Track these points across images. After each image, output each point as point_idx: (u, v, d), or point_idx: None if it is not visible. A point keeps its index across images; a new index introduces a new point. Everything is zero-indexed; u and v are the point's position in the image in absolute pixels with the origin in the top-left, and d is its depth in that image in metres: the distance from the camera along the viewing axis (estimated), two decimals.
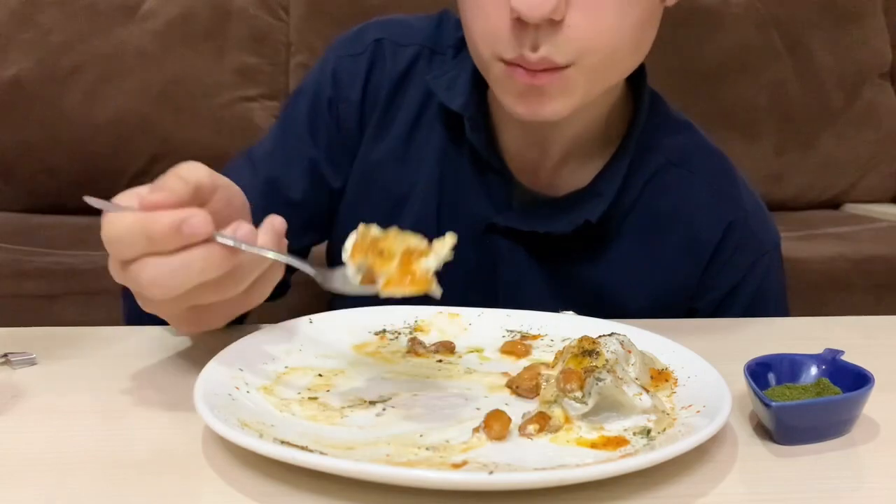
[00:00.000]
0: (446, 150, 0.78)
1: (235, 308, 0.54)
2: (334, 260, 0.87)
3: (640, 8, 0.64)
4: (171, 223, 0.46)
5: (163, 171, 0.51)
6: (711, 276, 0.78)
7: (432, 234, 0.78)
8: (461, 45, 0.78)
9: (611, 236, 0.77)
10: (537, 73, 0.63)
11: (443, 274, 0.78)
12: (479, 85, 0.75)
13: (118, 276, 0.50)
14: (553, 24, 0.60)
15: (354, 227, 0.80)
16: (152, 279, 0.47)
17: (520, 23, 0.61)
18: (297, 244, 0.78)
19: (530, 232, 0.76)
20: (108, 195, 0.51)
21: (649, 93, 0.78)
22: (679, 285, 0.78)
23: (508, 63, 0.64)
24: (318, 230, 0.83)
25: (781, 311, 0.83)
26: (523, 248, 0.77)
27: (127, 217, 0.47)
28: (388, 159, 0.80)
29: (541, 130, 0.74)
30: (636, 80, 0.76)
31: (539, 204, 0.77)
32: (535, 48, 0.62)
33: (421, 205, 0.79)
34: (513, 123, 0.76)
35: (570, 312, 0.69)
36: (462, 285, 0.75)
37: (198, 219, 0.46)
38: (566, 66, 0.63)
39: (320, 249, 0.88)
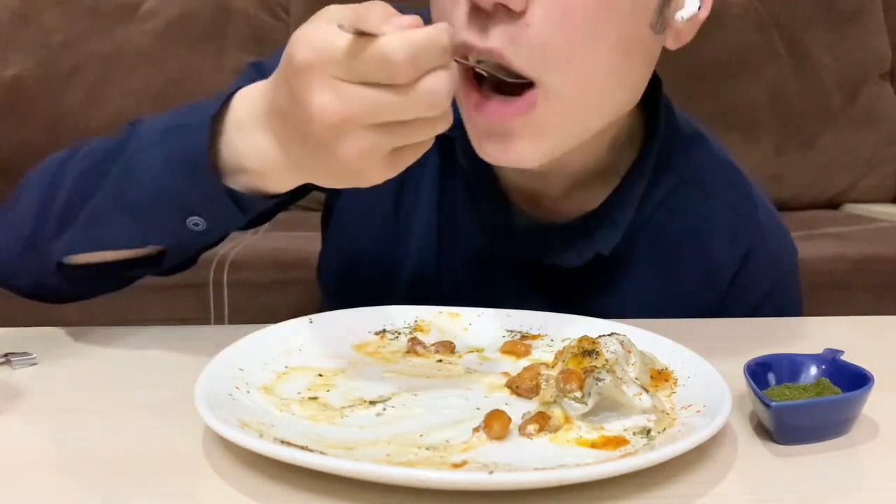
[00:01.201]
0: (442, 176, 0.74)
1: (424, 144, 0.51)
2: (325, 273, 0.84)
3: (618, 27, 0.56)
4: (449, 33, 0.46)
5: None
6: (729, 303, 0.74)
7: (434, 266, 0.75)
8: None
9: (621, 263, 0.72)
10: (491, 109, 0.57)
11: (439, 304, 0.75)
12: None
13: (380, 106, 0.46)
14: (510, 14, 0.53)
15: (354, 244, 0.77)
16: (446, 89, 0.46)
17: (475, 11, 0.54)
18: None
19: (535, 264, 0.71)
20: None
21: (665, 110, 0.72)
22: (695, 314, 0.74)
23: (471, 94, 0.58)
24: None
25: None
26: (527, 279, 0.73)
27: (418, 33, 0.45)
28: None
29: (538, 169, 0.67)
30: (648, 97, 0.69)
31: (543, 232, 0.72)
32: (483, 31, 0.54)
33: (423, 234, 0.74)
34: None
35: None
36: None
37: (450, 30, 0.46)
38: (529, 85, 0.56)
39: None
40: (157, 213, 0.57)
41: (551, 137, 0.59)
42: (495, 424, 0.46)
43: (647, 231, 0.73)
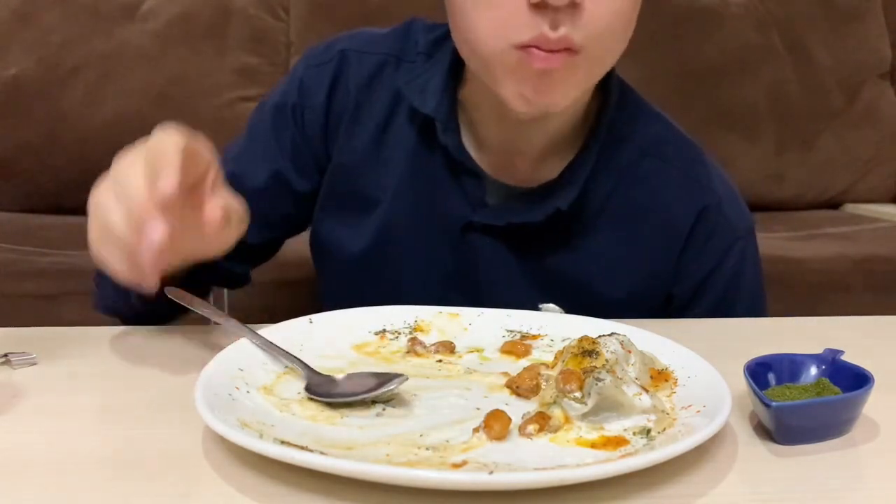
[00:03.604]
0: (417, 153, 0.79)
1: (189, 251, 0.58)
2: (318, 257, 0.88)
3: None
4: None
5: None
6: (687, 261, 0.80)
7: (405, 236, 0.80)
8: (433, 50, 0.80)
9: (588, 228, 0.78)
10: (554, 54, 0.64)
11: (422, 276, 0.79)
12: (450, 87, 0.76)
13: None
14: (573, 5, 0.62)
15: (330, 228, 0.85)
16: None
17: (538, 7, 0.62)
18: (257, 239, 0.79)
19: (507, 226, 0.77)
20: None
21: (618, 84, 0.79)
22: (656, 273, 0.80)
23: (524, 47, 0.64)
24: (276, 229, 0.85)
25: (758, 296, 0.84)
26: (502, 244, 0.78)
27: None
28: (358, 164, 0.81)
29: (522, 128, 0.75)
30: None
31: (514, 198, 0.78)
32: (554, 27, 0.63)
33: (392, 208, 0.80)
34: (493, 122, 0.77)
35: (552, 305, 0.70)
36: (442, 286, 0.78)
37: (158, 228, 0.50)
38: (579, 50, 0.64)
39: (308, 251, 0.89)
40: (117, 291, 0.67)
41: (582, 80, 0.69)
42: (495, 424, 0.46)
43: (611, 199, 0.79)
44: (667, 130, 0.84)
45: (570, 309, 0.69)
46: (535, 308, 0.69)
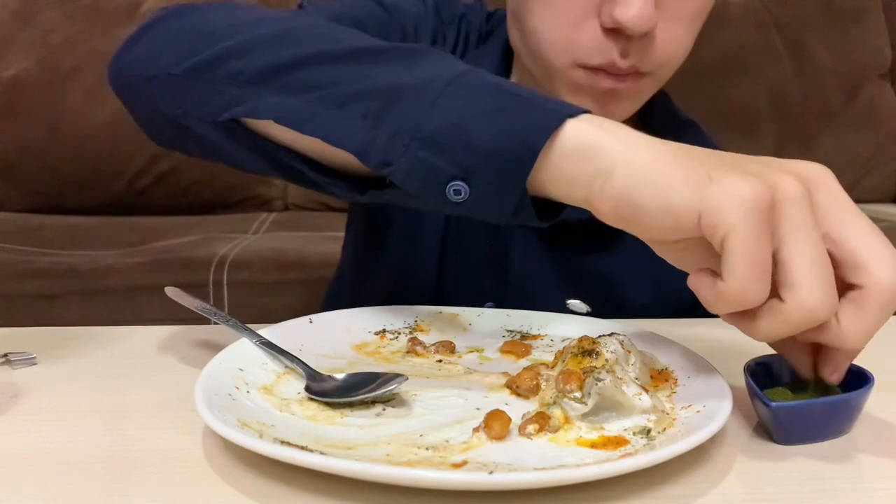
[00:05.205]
0: None
1: None
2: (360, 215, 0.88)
3: (703, 18, 0.69)
4: None
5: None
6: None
7: (445, 220, 0.80)
8: (485, 38, 0.81)
9: (620, 231, 0.78)
10: (622, 78, 0.66)
11: (456, 259, 0.80)
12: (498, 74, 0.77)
13: None
14: (646, 35, 0.64)
15: (383, 210, 0.83)
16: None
17: (612, 32, 0.63)
18: None
19: None
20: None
21: (660, 93, 0.81)
22: (682, 279, 0.80)
23: (592, 69, 0.66)
24: None
25: None
26: (535, 236, 0.79)
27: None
28: None
29: None
30: None
31: None
32: (624, 56, 0.65)
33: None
34: None
35: (578, 302, 0.70)
36: (475, 271, 0.79)
37: None
38: (646, 74, 0.67)
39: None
40: (433, 150, 0.48)
41: (645, 97, 0.71)
42: (495, 424, 0.46)
43: None
44: (698, 141, 0.85)
45: (595, 309, 0.69)
46: (562, 303, 0.70)
